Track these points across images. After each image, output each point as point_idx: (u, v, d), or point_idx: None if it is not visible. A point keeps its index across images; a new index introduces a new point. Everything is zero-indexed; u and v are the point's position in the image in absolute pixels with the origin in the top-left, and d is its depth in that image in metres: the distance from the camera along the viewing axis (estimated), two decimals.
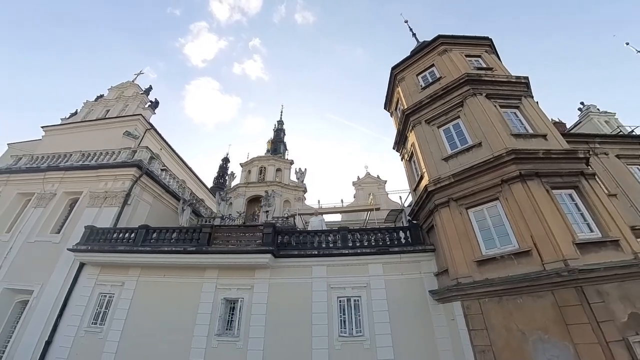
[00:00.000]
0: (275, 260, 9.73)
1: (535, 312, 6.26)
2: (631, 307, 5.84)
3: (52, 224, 11.39)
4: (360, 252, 9.70)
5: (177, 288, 9.85)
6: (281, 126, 54.06)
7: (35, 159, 13.11)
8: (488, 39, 12.25)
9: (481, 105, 9.42)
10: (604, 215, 7.17)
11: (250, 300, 9.39)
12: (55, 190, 11.94)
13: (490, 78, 10.18)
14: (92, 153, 13.24)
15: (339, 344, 8.53)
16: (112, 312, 9.54)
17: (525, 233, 7.03)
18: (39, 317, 9.37)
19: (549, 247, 6.60)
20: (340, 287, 9.36)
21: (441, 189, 8.91)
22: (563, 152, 8.14)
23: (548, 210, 7.03)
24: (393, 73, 13.23)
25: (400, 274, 9.51)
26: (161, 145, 21.11)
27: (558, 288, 6.13)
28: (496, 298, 6.84)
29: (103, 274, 10.25)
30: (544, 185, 7.53)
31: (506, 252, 7.14)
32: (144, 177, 12.69)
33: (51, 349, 8.99)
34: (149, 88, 21.62)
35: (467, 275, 7.51)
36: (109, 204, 11.62)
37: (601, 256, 6.49)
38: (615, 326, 5.60)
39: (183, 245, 9.90)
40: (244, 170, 22.82)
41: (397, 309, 8.92)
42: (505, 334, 6.46)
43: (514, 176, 7.65)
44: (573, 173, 7.89)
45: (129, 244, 10.09)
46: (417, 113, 11.03)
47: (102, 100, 19.51)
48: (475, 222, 8.13)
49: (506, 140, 8.40)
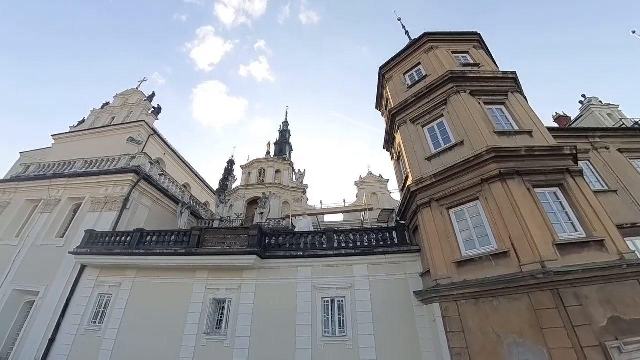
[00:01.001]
0: (262, 261, 9.77)
1: (511, 315, 6.00)
2: (612, 310, 5.50)
3: (57, 229, 11.89)
4: (345, 253, 9.60)
5: (170, 288, 10.06)
6: (286, 127, 54.12)
7: (42, 167, 13.72)
8: (476, 34, 11.80)
9: (464, 103, 9.09)
10: (589, 214, 6.78)
11: (238, 300, 9.47)
12: (60, 197, 12.46)
13: (476, 74, 9.80)
14: (94, 160, 13.70)
15: (322, 344, 8.48)
16: (110, 311, 9.86)
17: (504, 234, 6.74)
18: (44, 317, 9.81)
19: (526, 248, 6.30)
20: (325, 287, 9.30)
21: (423, 189, 8.68)
22: (547, 149, 7.74)
23: (527, 209, 6.71)
24: (381, 72, 12.98)
25: (385, 274, 9.35)
26: (164, 150, 21.46)
27: (534, 291, 5.85)
28: (473, 300, 6.60)
29: (102, 275, 10.61)
30: (525, 184, 7.19)
31: (484, 254, 6.87)
32: (142, 182, 13.02)
33: (54, 347, 9.40)
34: (152, 94, 22.06)
35: (446, 277, 7.29)
36: (108, 208, 12.00)
37: (583, 257, 6.15)
38: (593, 331, 5.28)
39: (174, 247, 10.10)
40: (244, 173, 23.07)
41: (381, 310, 8.77)
42: (481, 337, 6.23)
43: (493, 175, 7.34)
44: (558, 170, 7.48)
45: (124, 247, 10.39)
46: (402, 112, 10.78)
47: (108, 108, 20.10)
48: (456, 222, 7.87)
49: (488, 138, 8.07)
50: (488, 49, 12.18)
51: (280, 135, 52.63)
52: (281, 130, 53.82)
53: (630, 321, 5.40)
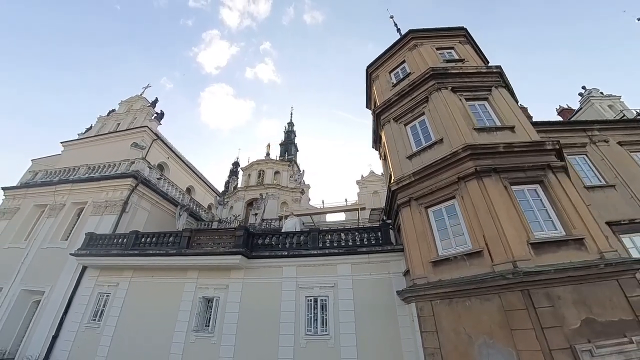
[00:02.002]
0: (248, 261, 9.85)
1: (482, 315, 5.78)
2: (586, 312, 5.20)
3: (61, 232, 12.38)
4: (329, 252, 9.53)
5: (163, 287, 10.31)
6: (291, 128, 54.01)
7: (49, 174, 14.33)
8: (462, 29, 11.39)
9: (444, 100, 8.80)
10: (570, 212, 6.43)
11: (226, 299, 9.59)
12: (64, 201, 12.97)
13: (458, 70, 9.46)
14: (96, 166, 14.17)
15: (305, 342, 8.46)
16: (108, 309, 10.20)
17: (478, 233, 6.49)
18: (48, 315, 10.26)
19: (499, 247, 6.04)
20: (309, 286, 9.27)
21: (403, 188, 8.48)
22: (527, 145, 7.38)
23: (502, 208, 6.43)
24: (368, 72, 12.77)
25: (368, 274, 9.22)
26: (168, 154, 21.74)
27: (504, 291, 5.61)
28: (447, 300, 6.41)
29: (102, 275, 10.99)
30: (502, 182, 6.89)
31: (460, 253, 6.64)
32: (140, 186, 13.35)
33: (57, 343, 9.83)
34: (155, 100, 22.41)
35: (423, 276, 7.11)
36: (109, 212, 12.39)
37: (559, 256, 5.84)
38: (564, 333, 5.01)
39: (166, 248, 10.32)
40: (244, 175, 23.26)
41: (364, 309, 8.66)
42: (453, 337, 6.04)
43: (469, 173, 7.08)
44: (538, 167, 7.13)
45: (121, 248, 10.71)
46: (386, 111, 10.56)
47: (114, 115, 20.65)
48: (434, 221, 7.65)
49: (466, 136, 7.79)
50: (476, 43, 11.75)
51: (286, 136, 52.57)
52: (286, 131, 53.75)
53: (606, 323, 5.10)
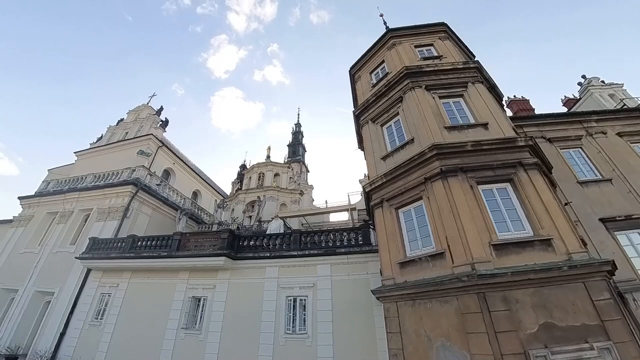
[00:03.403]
0: (233, 262, 10.04)
1: (441, 318, 5.60)
2: (546, 316, 4.91)
3: (70, 237, 13.14)
4: (309, 253, 9.55)
5: (158, 288, 10.72)
6: (299, 129, 54.01)
7: (59, 183, 15.20)
8: (443, 24, 10.97)
9: (417, 99, 8.53)
10: (539, 211, 6.08)
11: (213, 298, 9.85)
12: (73, 208, 13.74)
13: (433, 68, 9.12)
14: (102, 174, 14.87)
15: (284, 341, 8.57)
16: (109, 308, 10.76)
17: (442, 234, 6.27)
18: (57, 314, 10.95)
19: (459, 249, 5.82)
20: (289, 287, 9.34)
21: (376, 190, 8.33)
22: (497, 142, 7.02)
23: (465, 208, 6.17)
24: (351, 73, 12.58)
25: (347, 274, 9.16)
26: (174, 160, 22.30)
27: (461, 294, 5.40)
28: (410, 302, 6.26)
29: (104, 277, 11.57)
30: (468, 181, 6.62)
31: (424, 254, 6.46)
32: (140, 193, 13.89)
33: (64, 339, 10.49)
34: (160, 108, 23.02)
35: (390, 277, 6.97)
36: (111, 217, 12.99)
37: (523, 258, 5.54)
38: (518, 337, 4.77)
39: (158, 251, 10.71)
40: (246, 177, 23.61)
41: (342, 309, 8.64)
42: (415, 338, 5.90)
43: (435, 173, 6.85)
44: (509, 164, 6.77)
45: (119, 252, 11.22)
46: (365, 112, 10.38)
47: (122, 124, 21.48)
48: (403, 222, 7.46)
49: (435, 135, 7.52)
50: (458, 37, 11.30)
51: (293, 137, 52.62)
52: (294, 132, 53.80)
53: (567, 328, 4.79)
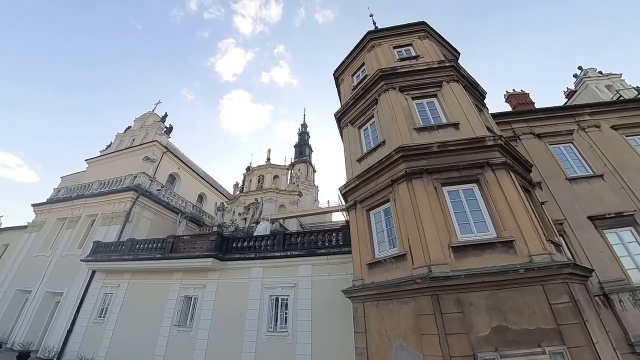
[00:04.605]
0: (222, 263, 10.38)
1: (400, 318, 5.63)
2: (499, 319, 4.84)
3: (77, 241, 13.96)
4: (291, 254, 9.73)
5: (154, 288, 11.24)
6: (305, 129, 53.99)
7: (69, 190, 16.12)
8: (422, 23, 10.79)
9: (390, 100, 8.48)
10: (503, 212, 5.96)
11: (203, 297, 10.24)
12: (80, 214, 14.56)
13: (407, 69, 9.03)
14: (107, 181, 15.64)
15: (266, 338, 8.81)
16: (111, 307, 11.39)
17: (405, 236, 6.27)
18: (65, 313, 11.71)
19: (419, 251, 5.81)
20: (273, 286, 9.56)
21: (350, 192, 8.38)
22: (464, 142, 6.89)
23: (427, 210, 6.14)
24: (335, 76, 12.59)
25: (327, 274, 9.28)
26: (179, 165, 23.01)
27: (418, 295, 5.41)
28: (375, 302, 6.31)
29: (107, 278, 12.24)
30: (433, 183, 6.56)
31: (389, 256, 6.47)
32: (141, 198, 14.52)
33: (71, 336, 11.22)
34: (165, 115, 23.74)
35: (360, 278, 7.05)
36: (114, 222, 13.68)
37: (483, 260, 5.46)
38: (469, 340, 4.74)
39: (154, 253, 11.21)
40: (247, 180, 24.03)
41: (321, 309, 8.78)
42: (377, 338, 5.96)
43: (400, 175, 6.83)
44: (475, 165, 6.66)
45: (119, 254, 11.83)
46: (344, 115, 10.40)
47: (129, 131, 22.37)
48: (374, 224, 7.50)
49: (405, 136, 7.48)
50: (440, 35, 11.10)
51: (300, 138, 52.66)
52: (300, 133, 53.82)
53: (520, 331, 4.70)
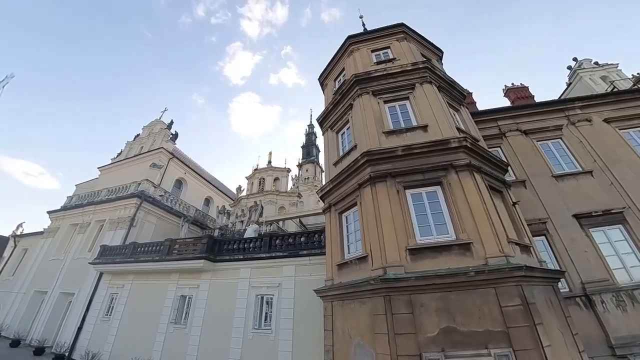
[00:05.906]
0: (213, 264, 10.90)
1: (359, 318, 5.83)
2: (448, 320, 4.94)
3: (88, 245, 14.98)
4: (276, 255, 10.08)
5: (154, 288, 11.95)
6: (311, 130, 54.13)
7: (80, 197, 17.26)
8: (401, 25, 10.81)
9: (362, 105, 8.62)
10: (463, 214, 6.02)
11: (197, 296, 10.80)
12: (90, 220, 15.60)
13: (381, 73, 9.11)
14: (114, 188, 16.63)
15: (252, 335, 9.23)
16: (116, 306, 12.21)
17: (367, 238, 6.45)
18: (76, 312, 12.67)
19: (377, 253, 5.98)
20: (259, 286, 9.97)
21: (326, 195, 8.61)
22: (428, 145, 6.95)
23: (387, 213, 6.28)
24: (320, 81, 12.79)
25: (309, 275, 9.55)
26: (185, 170, 23.84)
27: (374, 296, 5.58)
28: (340, 302, 6.53)
29: (113, 279, 13.10)
30: (396, 186, 6.69)
31: (355, 257, 6.68)
32: (145, 204, 15.35)
33: (81, 333, 12.13)
34: (171, 122, 24.68)
35: (330, 279, 7.28)
36: (120, 227, 14.57)
37: (438, 262, 5.55)
38: (417, 340, 4.88)
39: (153, 255, 11.91)
40: (248, 183, 24.63)
41: (303, 307, 9.07)
42: (341, 336, 6.19)
43: (365, 179, 6.99)
44: (439, 167, 6.71)
45: (122, 257, 12.63)
46: (325, 120, 10.61)
47: (138, 139, 23.44)
48: (345, 226, 7.70)
49: (373, 140, 7.62)
50: (420, 35, 11.08)
51: (307, 139, 52.89)
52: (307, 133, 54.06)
53: (468, 333, 4.79)
